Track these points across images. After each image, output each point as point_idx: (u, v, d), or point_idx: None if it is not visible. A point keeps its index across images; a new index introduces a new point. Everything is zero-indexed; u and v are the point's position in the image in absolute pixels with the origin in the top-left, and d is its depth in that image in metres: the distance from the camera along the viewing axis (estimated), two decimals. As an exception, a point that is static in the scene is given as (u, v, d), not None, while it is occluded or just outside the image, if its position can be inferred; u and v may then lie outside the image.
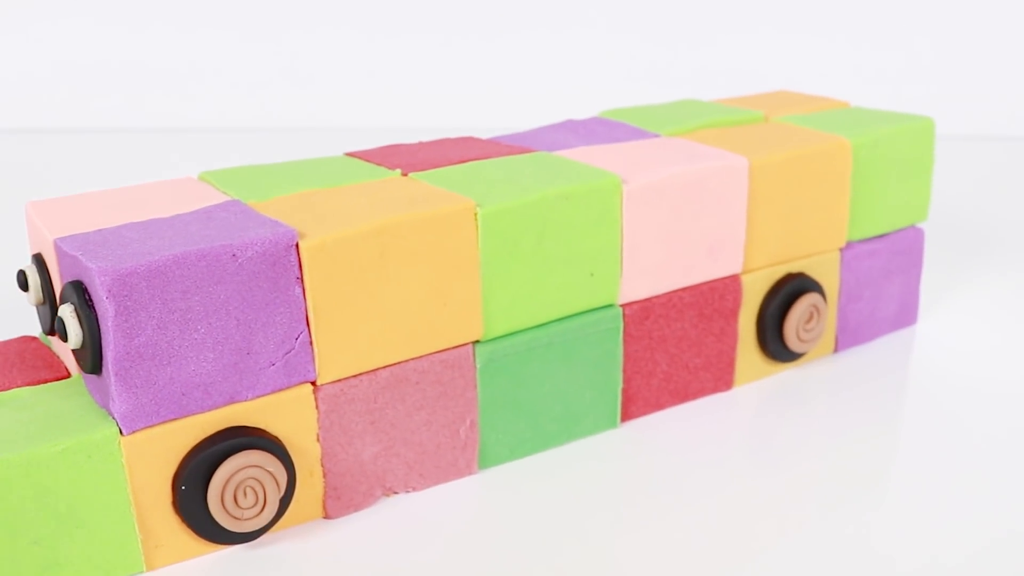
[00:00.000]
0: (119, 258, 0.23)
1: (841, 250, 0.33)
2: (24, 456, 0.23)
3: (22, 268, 0.27)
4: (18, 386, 0.26)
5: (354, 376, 0.26)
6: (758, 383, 0.33)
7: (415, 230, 0.26)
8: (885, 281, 0.34)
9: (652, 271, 0.30)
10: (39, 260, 0.26)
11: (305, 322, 0.25)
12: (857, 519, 0.26)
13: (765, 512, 0.27)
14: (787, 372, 0.33)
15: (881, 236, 0.34)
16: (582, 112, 0.44)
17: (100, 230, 0.25)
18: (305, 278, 0.25)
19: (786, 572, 0.24)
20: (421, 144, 0.32)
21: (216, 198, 0.27)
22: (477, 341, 0.28)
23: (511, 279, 0.27)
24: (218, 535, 0.25)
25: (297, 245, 0.24)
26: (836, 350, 0.34)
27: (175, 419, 0.24)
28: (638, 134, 0.33)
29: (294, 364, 0.25)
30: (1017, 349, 0.35)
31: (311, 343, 0.25)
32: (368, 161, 0.30)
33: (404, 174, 0.29)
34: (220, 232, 0.24)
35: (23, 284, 0.27)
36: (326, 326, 0.25)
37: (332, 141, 0.49)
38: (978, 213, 0.50)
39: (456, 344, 0.27)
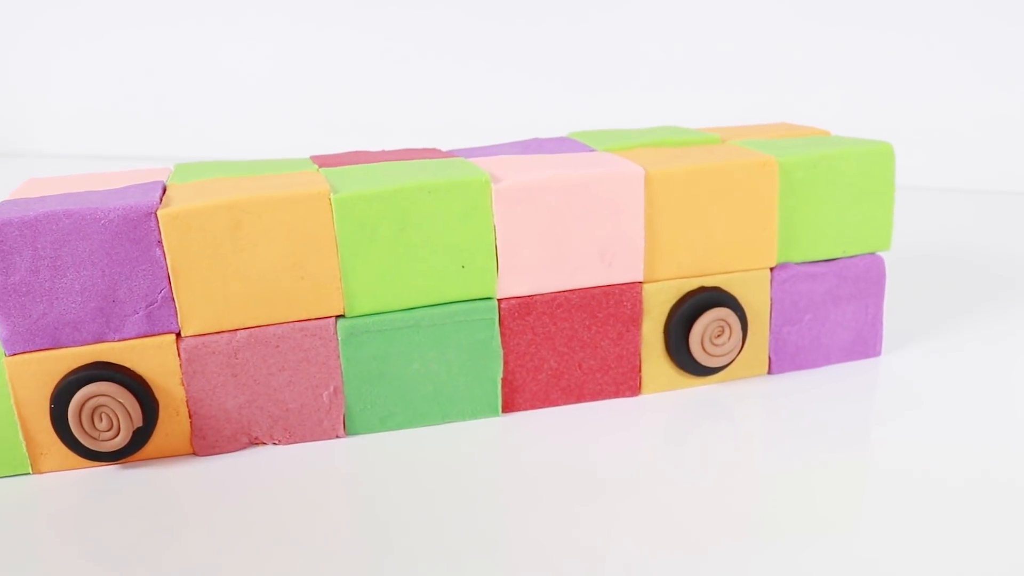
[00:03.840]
0: (6, 213, 0.26)
1: (772, 270, 0.29)
2: None
3: None
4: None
5: (215, 332, 0.27)
6: (671, 393, 0.30)
7: (268, 208, 0.26)
8: (833, 307, 0.30)
9: (534, 270, 0.28)
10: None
11: (167, 280, 0.26)
12: (730, 532, 0.23)
13: (647, 508, 0.24)
14: (708, 387, 0.30)
15: (828, 261, 0.30)
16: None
17: (40, 197, 0.28)
18: (164, 242, 0.26)
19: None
20: (383, 151, 0.32)
21: (156, 180, 0.29)
22: (340, 316, 0.28)
23: (373, 262, 0.27)
24: (83, 451, 0.26)
25: (156, 214, 0.26)
26: (770, 372, 0.30)
27: (50, 348, 0.26)
28: (576, 148, 0.31)
29: (157, 315, 0.27)
30: (977, 396, 0.29)
31: (173, 299, 0.26)
32: (312, 160, 0.31)
33: (318, 169, 0.29)
34: (106, 200, 0.26)
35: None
36: (186, 285, 0.27)
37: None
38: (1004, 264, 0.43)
39: (318, 316, 0.27)
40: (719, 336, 0.29)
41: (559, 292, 0.29)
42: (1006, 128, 0.64)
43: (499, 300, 0.29)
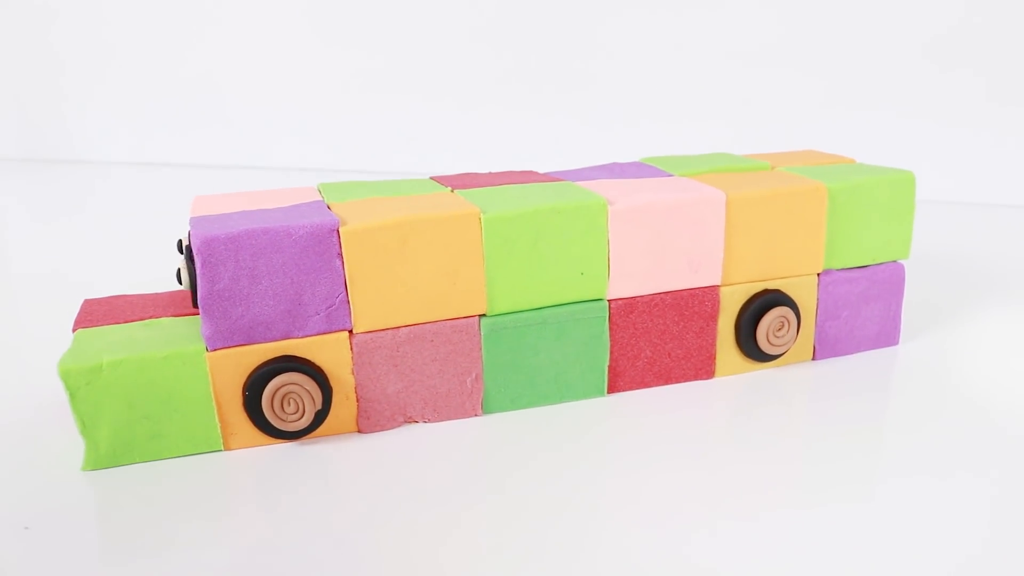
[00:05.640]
0: (211, 230, 0.28)
1: (819, 275, 0.34)
2: (140, 356, 0.28)
3: (180, 238, 0.32)
4: (167, 316, 0.31)
5: (381, 329, 0.30)
6: (738, 376, 0.34)
7: (430, 226, 0.29)
8: (864, 305, 0.34)
9: (637, 276, 0.32)
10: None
11: (344, 286, 0.29)
12: (820, 494, 0.27)
13: (721, 471, 0.28)
14: (767, 370, 0.34)
15: (861, 267, 0.34)
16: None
17: (224, 213, 0.30)
18: (343, 254, 0.29)
19: (725, 524, 0.26)
20: (490, 173, 0.35)
21: (314, 199, 0.31)
22: (482, 315, 0.30)
23: (511, 270, 0.30)
24: (271, 431, 0.29)
25: (338, 230, 0.28)
26: (814, 358, 0.35)
27: (245, 344, 0.29)
28: (657, 173, 0.35)
29: (335, 316, 0.29)
30: (978, 371, 0.34)
31: (348, 302, 0.29)
32: (438, 181, 0.34)
33: (452, 190, 0.32)
34: (289, 218, 0.29)
35: (180, 249, 0.32)
36: (359, 291, 0.29)
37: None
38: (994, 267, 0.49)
39: (465, 315, 0.30)
40: (780, 330, 0.33)
41: (656, 294, 0.32)
42: (1005, 145, 0.69)
43: (609, 301, 0.32)
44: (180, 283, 0.30)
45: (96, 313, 0.33)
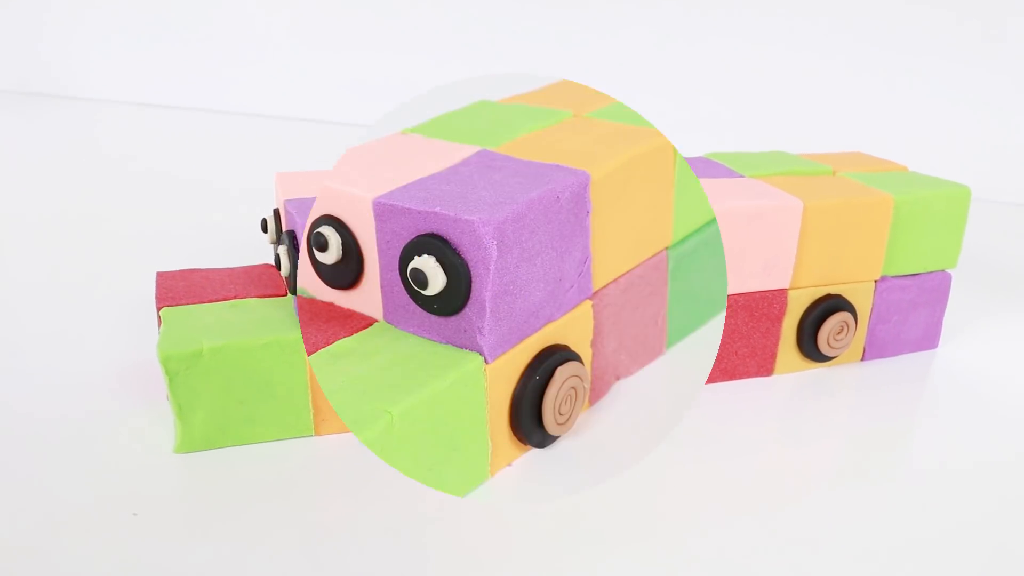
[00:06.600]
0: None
1: (876, 282, 0.35)
2: (240, 343, 0.27)
3: (264, 217, 0.31)
4: (251, 296, 0.30)
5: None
6: (794, 375, 0.35)
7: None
8: (912, 311, 0.36)
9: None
10: (276, 213, 0.30)
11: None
12: (861, 484, 0.28)
13: (782, 465, 0.29)
14: (820, 370, 0.35)
15: (913, 275, 0.35)
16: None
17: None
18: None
19: (791, 518, 0.26)
20: None
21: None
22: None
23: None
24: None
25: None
26: (863, 359, 0.37)
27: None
28: (728, 173, 0.35)
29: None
30: (1011, 374, 0.37)
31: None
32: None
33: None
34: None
35: (264, 228, 0.31)
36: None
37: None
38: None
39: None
40: (839, 333, 0.34)
41: (731, 295, 0.33)
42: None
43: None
44: (280, 269, 0.29)
45: (176, 289, 0.30)
